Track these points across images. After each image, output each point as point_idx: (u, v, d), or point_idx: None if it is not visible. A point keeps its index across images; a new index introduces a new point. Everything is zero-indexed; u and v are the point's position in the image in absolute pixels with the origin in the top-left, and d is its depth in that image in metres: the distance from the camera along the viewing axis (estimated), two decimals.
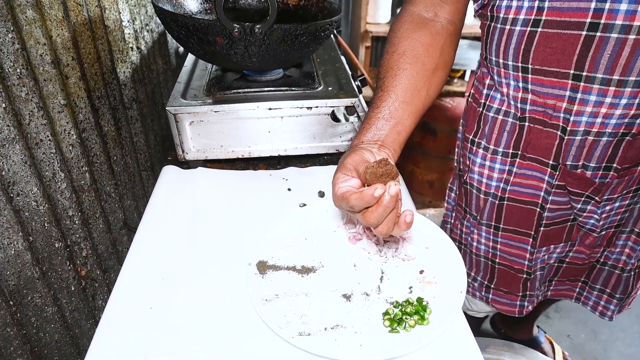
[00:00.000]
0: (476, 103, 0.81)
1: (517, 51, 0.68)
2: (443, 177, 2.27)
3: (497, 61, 0.72)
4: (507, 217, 0.82)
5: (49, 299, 0.82)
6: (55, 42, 0.81)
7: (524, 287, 0.88)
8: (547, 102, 0.68)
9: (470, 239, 0.91)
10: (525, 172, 0.77)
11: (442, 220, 1.05)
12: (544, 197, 0.77)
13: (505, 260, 0.87)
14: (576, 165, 0.71)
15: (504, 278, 0.89)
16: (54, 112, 0.81)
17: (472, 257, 0.92)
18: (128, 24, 1.11)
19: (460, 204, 0.92)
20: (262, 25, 0.75)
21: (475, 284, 0.95)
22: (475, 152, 0.82)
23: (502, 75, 0.73)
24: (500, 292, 0.91)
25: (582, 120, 0.66)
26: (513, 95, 0.73)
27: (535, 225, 0.80)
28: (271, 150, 0.91)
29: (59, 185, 0.83)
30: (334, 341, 0.57)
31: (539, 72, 0.67)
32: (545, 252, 0.84)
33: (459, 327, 0.60)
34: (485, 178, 0.82)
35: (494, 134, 0.78)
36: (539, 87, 0.68)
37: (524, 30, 0.66)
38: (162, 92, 1.39)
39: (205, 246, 0.73)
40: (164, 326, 0.60)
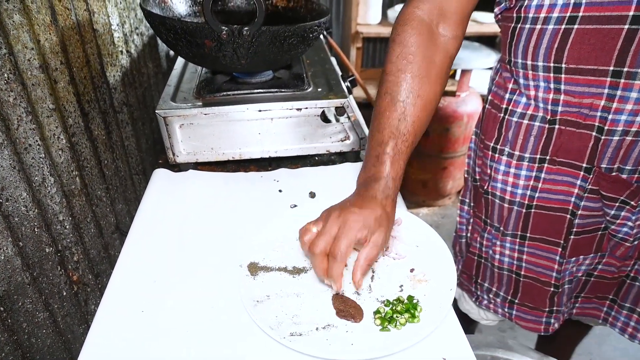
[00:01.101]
0: (496, 109, 0.78)
1: (549, 51, 0.65)
2: (436, 177, 2.28)
3: (524, 63, 0.69)
4: (535, 225, 0.78)
5: (40, 305, 0.82)
6: (43, 47, 0.81)
7: (551, 301, 0.83)
8: (582, 101, 0.65)
9: (492, 252, 0.86)
10: (554, 177, 0.73)
11: (455, 235, 1.00)
12: (576, 202, 0.73)
13: (531, 272, 0.82)
14: (611, 168, 0.68)
15: (530, 292, 0.84)
16: (42, 116, 0.81)
17: (494, 270, 0.87)
18: (117, 27, 1.11)
19: (479, 216, 0.87)
20: (250, 28, 0.76)
21: (498, 300, 0.90)
22: (498, 159, 0.78)
23: (530, 78, 0.69)
24: (525, 308, 0.87)
25: (621, 119, 0.63)
26: (543, 97, 0.69)
27: (565, 234, 0.76)
28: (262, 151, 0.91)
29: (48, 190, 0.83)
30: (326, 341, 0.57)
31: (574, 72, 0.64)
32: (575, 264, 0.80)
33: (450, 325, 0.61)
34: (510, 186, 0.78)
35: (519, 140, 0.74)
36: (574, 86, 0.65)
37: (558, 28, 0.63)
38: (153, 96, 1.39)
39: (196, 249, 0.73)
40: (155, 329, 0.60)
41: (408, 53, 0.69)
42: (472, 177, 0.89)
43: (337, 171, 0.92)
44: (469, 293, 0.97)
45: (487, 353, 0.98)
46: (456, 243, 1.01)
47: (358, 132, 0.92)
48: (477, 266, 0.91)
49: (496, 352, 1.00)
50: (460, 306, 1.05)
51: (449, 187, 2.34)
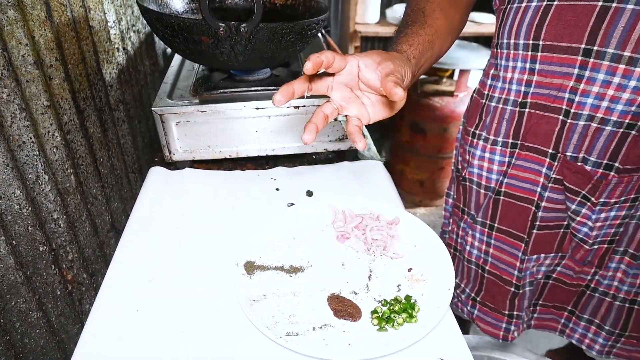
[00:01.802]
0: (480, 95, 0.80)
1: (530, 27, 0.66)
2: (433, 176, 2.28)
3: (507, 43, 0.71)
4: (503, 214, 0.79)
5: (34, 304, 0.81)
6: (38, 43, 0.79)
7: (511, 304, 0.83)
8: (553, 81, 0.67)
9: (464, 243, 0.88)
10: (523, 163, 0.74)
11: (441, 230, 1.01)
12: (540, 193, 0.74)
13: (495, 269, 0.84)
14: (576, 157, 0.69)
15: (492, 290, 0.85)
16: (37, 113, 0.80)
17: (464, 264, 0.89)
18: (114, 24, 1.10)
19: (457, 205, 0.89)
20: (248, 24, 0.75)
21: (463, 296, 0.91)
22: (476, 144, 0.80)
23: (511, 58, 0.71)
24: (486, 309, 0.87)
25: (587, 102, 0.64)
26: (518, 78, 0.71)
27: (529, 227, 0.77)
28: (259, 150, 0.91)
29: (42, 188, 0.82)
30: (322, 340, 0.56)
31: (550, 49, 0.66)
32: (535, 263, 0.81)
33: (448, 325, 0.60)
34: (485, 171, 0.79)
35: (494, 124, 0.76)
36: (547, 65, 0.67)
37: (540, 4, 0.65)
38: (150, 93, 1.38)
39: (192, 247, 0.72)
40: (150, 329, 0.59)
41: None
42: (456, 168, 0.91)
43: (334, 170, 0.92)
44: None
45: (484, 354, 0.98)
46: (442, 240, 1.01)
47: None
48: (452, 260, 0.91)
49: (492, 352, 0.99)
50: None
51: (446, 187, 2.34)
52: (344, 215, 0.76)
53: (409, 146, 2.23)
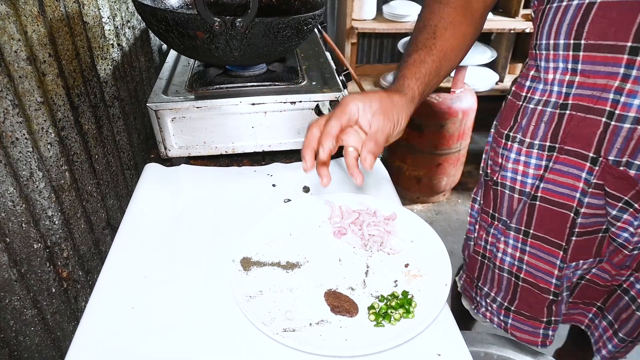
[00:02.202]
0: (516, 98, 0.77)
1: (571, 27, 0.64)
2: (430, 173, 2.28)
3: (547, 44, 0.69)
4: (539, 221, 0.75)
5: (28, 302, 0.80)
6: (30, 38, 0.79)
7: (549, 311, 0.79)
8: (597, 82, 0.64)
9: (495, 250, 0.83)
10: (561, 167, 0.71)
11: (466, 237, 0.97)
12: (579, 199, 0.71)
13: (530, 277, 0.79)
14: (619, 162, 0.65)
15: (527, 299, 0.81)
16: (30, 109, 0.79)
17: (495, 272, 0.85)
18: (108, 20, 1.09)
19: (486, 211, 0.85)
20: (244, 19, 0.74)
21: (494, 306, 0.87)
22: (510, 147, 0.77)
23: (551, 59, 0.69)
24: (522, 317, 0.83)
25: (634, 103, 0.61)
26: (559, 79, 0.68)
27: (567, 234, 0.73)
28: (255, 146, 0.90)
29: (37, 185, 0.81)
30: (319, 336, 0.56)
31: (592, 48, 0.63)
32: (574, 269, 0.78)
33: (445, 321, 0.60)
34: (520, 175, 0.76)
35: (531, 126, 0.73)
36: (590, 65, 0.64)
37: (582, 3, 0.62)
38: (145, 90, 1.37)
39: (188, 244, 0.72)
40: (146, 325, 0.59)
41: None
42: (485, 172, 0.87)
43: (331, 166, 0.91)
44: (470, 299, 0.95)
45: (481, 349, 0.98)
46: (465, 247, 0.98)
47: None
48: (479, 267, 0.89)
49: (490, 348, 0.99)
50: (463, 302, 1.03)
51: (443, 183, 2.34)
52: (340, 211, 0.76)
53: (406, 143, 2.23)
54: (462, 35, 0.72)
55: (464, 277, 0.97)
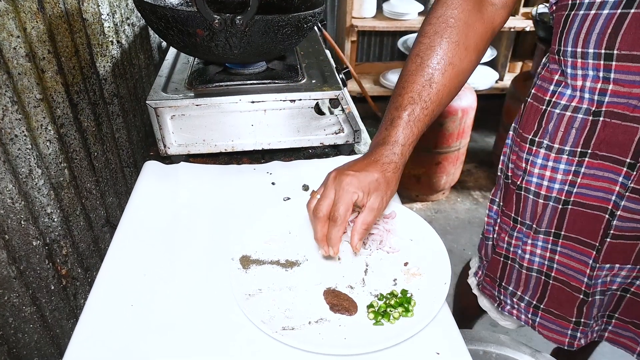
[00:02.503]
0: (538, 102, 0.74)
1: (602, 37, 0.62)
2: (429, 172, 2.28)
3: (573, 52, 0.66)
4: (570, 223, 0.73)
5: (27, 299, 0.80)
6: (30, 35, 0.78)
7: (579, 311, 0.77)
8: (632, 91, 0.62)
9: (521, 252, 0.81)
10: (595, 172, 0.69)
11: (482, 237, 0.95)
12: (615, 202, 0.68)
13: (561, 275, 0.77)
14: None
15: (558, 297, 0.79)
16: (29, 106, 0.79)
17: (522, 272, 0.83)
18: (108, 17, 1.09)
19: (508, 214, 0.83)
20: (243, 17, 0.74)
21: (522, 304, 0.85)
22: (536, 152, 0.74)
23: (579, 67, 0.66)
24: (550, 316, 0.82)
25: None
26: (590, 87, 0.66)
27: (601, 235, 0.71)
28: (255, 144, 0.90)
29: (36, 182, 0.81)
30: (318, 335, 0.56)
31: (626, 58, 0.61)
32: (609, 272, 0.75)
33: (444, 319, 0.60)
34: (547, 180, 0.74)
35: (560, 132, 0.70)
36: (624, 74, 0.62)
37: (613, 12, 0.60)
38: (145, 87, 1.37)
39: (187, 242, 0.72)
40: (145, 323, 0.59)
41: (450, 16, 0.66)
42: (505, 174, 0.85)
43: (331, 164, 0.91)
44: (492, 298, 0.94)
45: (480, 348, 0.98)
46: (482, 246, 0.96)
47: (352, 125, 0.90)
48: (502, 268, 0.87)
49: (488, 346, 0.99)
50: (480, 302, 1.02)
51: (443, 182, 2.34)
52: None
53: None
54: (463, 74, 0.69)
55: (481, 276, 0.96)
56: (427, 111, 0.66)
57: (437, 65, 0.66)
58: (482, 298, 1.00)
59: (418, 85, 0.66)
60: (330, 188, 0.62)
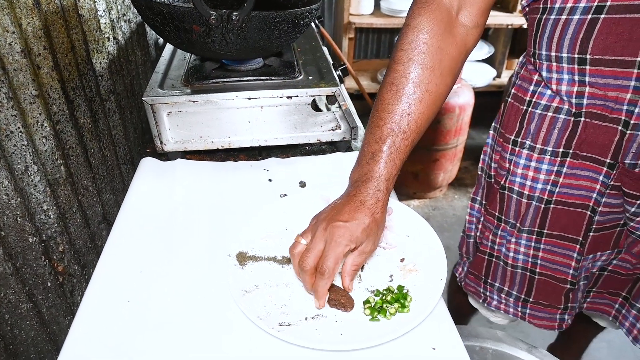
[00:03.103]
0: (519, 102, 0.75)
1: (574, 42, 0.63)
2: (427, 169, 2.28)
3: (548, 55, 0.67)
4: (553, 221, 0.75)
5: (24, 295, 0.80)
6: (25, 31, 0.78)
7: (566, 298, 0.80)
8: (607, 94, 0.63)
9: (505, 250, 0.83)
10: (577, 172, 0.70)
11: (464, 234, 0.97)
12: (597, 199, 0.71)
13: (547, 270, 0.80)
14: (635, 164, 0.65)
15: (545, 290, 0.82)
16: (25, 103, 0.79)
17: (507, 269, 0.85)
18: (104, 13, 1.08)
19: (492, 213, 0.84)
20: (240, 13, 0.74)
21: (510, 299, 0.88)
22: (519, 153, 0.75)
23: (554, 70, 0.68)
24: (539, 306, 0.85)
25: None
26: (567, 90, 0.67)
27: (585, 231, 0.74)
28: (251, 140, 0.90)
29: (32, 179, 0.81)
30: (315, 331, 0.56)
31: (599, 63, 0.62)
32: (592, 260, 0.78)
33: (440, 315, 0.60)
34: (530, 180, 0.75)
35: (542, 132, 0.72)
36: (599, 78, 0.63)
37: (584, 18, 0.61)
38: (141, 84, 1.36)
39: (184, 238, 0.72)
40: (141, 320, 0.59)
41: (422, 41, 0.64)
42: (487, 174, 0.86)
43: (327, 160, 0.91)
44: (476, 295, 0.95)
45: (476, 344, 0.99)
46: (463, 243, 0.98)
47: (349, 121, 0.90)
48: (487, 266, 0.89)
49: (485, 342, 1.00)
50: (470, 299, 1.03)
51: (440, 179, 2.34)
52: None
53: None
54: (440, 99, 0.67)
55: (465, 273, 0.97)
56: (408, 141, 0.64)
57: (413, 94, 0.64)
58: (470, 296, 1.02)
59: (396, 116, 0.63)
60: (320, 240, 0.58)
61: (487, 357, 0.95)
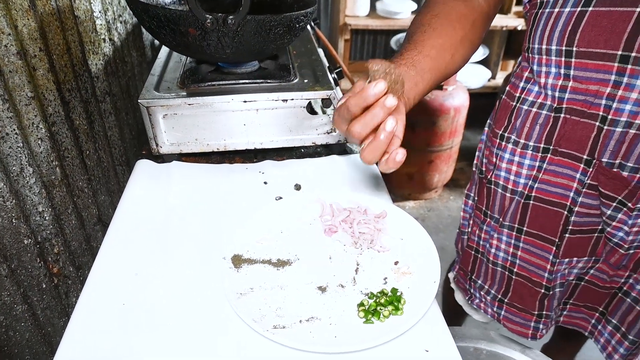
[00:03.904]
0: (510, 98, 0.78)
1: (563, 33, 0.65)
2: (422, 170, 2.29)
3: (539, 48, 0.70)
4: (532, 218, 0.77)
5: (19, 297, 0.80)
6: (21, 32, 0.78)
7: (541, 304, 0.82)
8: (589, 87, 0.65)
9: (488, 246, 0.85)
10: (555, 168, 0.72)
11: (459, 231, 0.99)
12: (574, 198, 0.72)
13: (524, 271, 0.82)
14: (612, 163, 0.67)
15: (520, 291, 0.84)
16: (20, 104, 0.79)
17: (489, 266, 0.87)
18: (100, 14, 1.08)
19: (480, 208, 0.87)
20: (235, 16, 0.74)
21: (488, 298, 0.89)
22: (504, 147, 0.78)
23: (543, 63, 0.70)
24: (514, 309, 0.86)
25: (626, 108, 0.63)
26: (552, 83, 0.69)
27: (561, 231, 0.75)
28: (247, 143, 0.90)
29: (27, 180, 0.81)
30: (309, 333, 0.57)
31: (584, 55, 0.64)
32: (567, 265, 0.79)
33: (433, 317, 0.61)
34: (513, 175, 0.77)
35: (526, 127, 0.74)
36: (582, 71, 0.65)
37: (574, 10, 0.63)
38: (137, 85, 1.36)
39: (179, 241, 0.72)
40: (136, 322, 0.59)
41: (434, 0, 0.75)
42: (479, 170, 0.88)
43: (323, 163, 0.92)
44: (464, 291, 0.96)
45: (470, 345, 0.99)
46: (459, 240, 0.99)
47: None
48: (473, 261, 0.91)
49: (479, 343, 1.01)
50: (455, 296, 1.04)
51: (435, 180, 2.35)
52: (331, 209, 0.77)
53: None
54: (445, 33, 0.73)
55: (457, 270, 0.98)
56: (419, 54, 0.69)
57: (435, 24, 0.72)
58: (457, 292, 1.03)
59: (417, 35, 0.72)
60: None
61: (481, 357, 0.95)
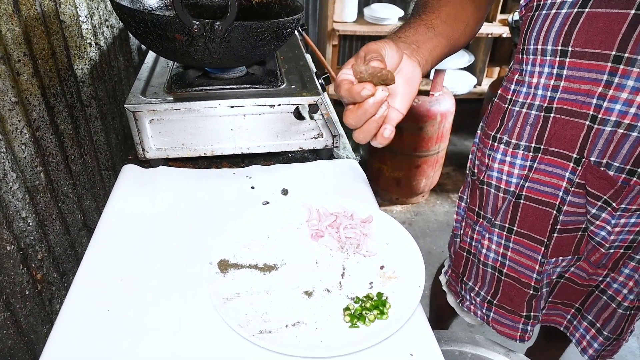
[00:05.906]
0: (502, 100, 0.80)
1: (559, 34, 0.67)
2: (409, 175, 2.31)
3: (534, 49, 0.71)
4: (522, 218, 0.79)
5: (1, 304, 0.79)
6: (5, 37, 0.78)
7: (529, 305, 0.83)
8: (581, 87, 0.67)
9: (480, 246, 0.87)
10: (546, 167, 0.74)
11: (452, 234, 1.00)
12: (562, 197, 0.74)
13: (513, 272, 0.83)
14: (600, 163, 0.68)
15: (509, 293, 0.85)
16: (4, 110, 0.78)
17: (479, 267, 0.88)
18: (86, 19, 1.08)
19: (472, 209, 0.88)
20: (222, 23, 0.74)
21: (477, 300, 0.91)
22: (497, 148, 0.80)
23: (537, 64, 0.71)
24: (503, 311, 0.87)
25: (616, 108, 0.64)
26: (544, 83, 0.71)
27: (549, 231, 0.77)
28: (234, 148, 0.90)
29: (10, 186, 0.80)
30: (295, 338, 0.57)
31: (579, 55, 0.66)
32: (553, 265, 0.81)
33: (418, 321, 0.62)
34: (505, 175, 0.79)
35: (517, 128, 0.76)
36: (575, 71, 0.67)
37: (570, 12, 0.65)
38: (124, 90, 1.36)
39: (165, 246, 0.72)
40: (121, 328, 0.59)
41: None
42: (472, 172, 0.90)
43: (310, 168, 0.92)
44: (455, 294, 0.97)
45: (455, 348, 1.00)
46: (451, 243, 1.00)
47: (331, 130, 0.92)
48: (465, 263, 0.92)
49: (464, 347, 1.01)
50: (448, 299, 1.05)
51: (422, 185, 2.37)
52: (318, 213, 0.77)
53: (386, 145, 2.25)
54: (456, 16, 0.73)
55: (449, 273, 0.99)
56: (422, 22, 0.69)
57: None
58: (449, 295, 1.04)
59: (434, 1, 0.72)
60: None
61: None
